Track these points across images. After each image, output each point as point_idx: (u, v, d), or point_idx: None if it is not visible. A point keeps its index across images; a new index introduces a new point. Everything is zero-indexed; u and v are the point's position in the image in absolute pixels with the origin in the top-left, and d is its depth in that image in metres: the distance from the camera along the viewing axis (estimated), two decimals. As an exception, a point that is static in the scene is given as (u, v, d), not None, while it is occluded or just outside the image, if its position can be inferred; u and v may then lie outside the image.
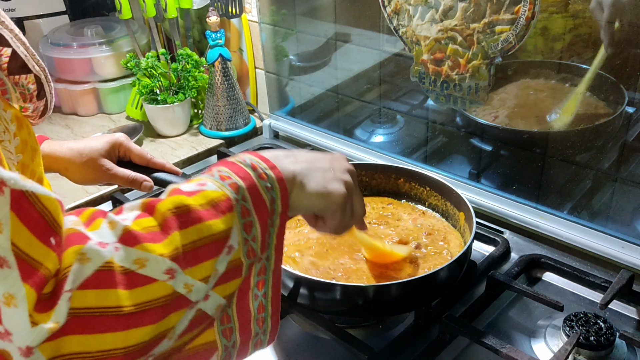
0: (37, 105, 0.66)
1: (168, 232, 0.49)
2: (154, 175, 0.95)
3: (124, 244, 0.46)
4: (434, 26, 1.08)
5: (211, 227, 0.51)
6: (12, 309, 0.39)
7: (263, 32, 1.49)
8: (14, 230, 0.39)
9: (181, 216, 0.50)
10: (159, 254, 0.47)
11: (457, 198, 1.00)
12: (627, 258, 0.99)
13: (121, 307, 0.43)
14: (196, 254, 0.49)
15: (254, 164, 0.57)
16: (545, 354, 0.85)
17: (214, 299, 0.51)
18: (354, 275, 0.90)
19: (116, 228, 0.47)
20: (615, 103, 0.97)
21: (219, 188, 0.53)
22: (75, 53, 1.61)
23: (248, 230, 0.54)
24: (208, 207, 0.51)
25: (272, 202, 0.56)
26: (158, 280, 0.46)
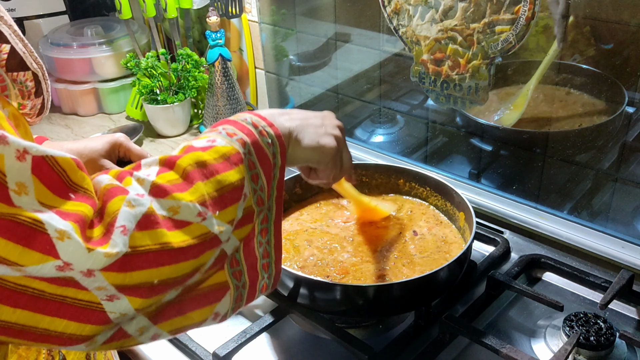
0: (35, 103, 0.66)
1: (192, 183, 0.53)
2: (154, 175, 0.95)
3: (155, 196, 0.51)
4: (434, 26, 1.08)
5: (228, 177, 0.56)
6: (66, 242, 0.43)
7: (263, 32, 1.49)
8: (37, 191, 0.43)
9: (200, 169, 0.55)
10: (188, 201, 0.52)
11: (457, 198, 1.00)
12: (627, 258, 0.99)
13: (171, 243, 0.49)
14: (221, 200, 0.55)
15: (254, 122, 0.62)
16: (545, 354, 0.85)
17: (233, 241, 0.57)
18: (351, 275, 0.90)
19: (144, 183, 0.52)
20: (615, 103, 0.97)
21: (228, 143, 0.58)
22: (75, 53, 1.61)
23: (255, 181, 0.59)
24: (222, 161, 0.56)
25: (273, 156, 0.62)
26: (193, 222, 0.51)
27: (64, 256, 0.43)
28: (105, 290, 0.45)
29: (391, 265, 0.92)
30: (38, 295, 0.43)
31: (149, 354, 0.89)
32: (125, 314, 0.47)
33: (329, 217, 1.06)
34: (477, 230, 0.97)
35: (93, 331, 0.46)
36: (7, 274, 0.42)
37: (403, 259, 0.94)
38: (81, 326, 0.45)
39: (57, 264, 0.43)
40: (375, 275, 0.90)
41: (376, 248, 0.96)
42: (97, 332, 0.47)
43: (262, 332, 0.89)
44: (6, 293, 0.42)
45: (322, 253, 0.95)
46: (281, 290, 0.89)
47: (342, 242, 0.98)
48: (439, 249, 0.96)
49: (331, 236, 0.99)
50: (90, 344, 0.48)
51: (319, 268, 0.92)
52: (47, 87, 0.67)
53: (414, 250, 0.96)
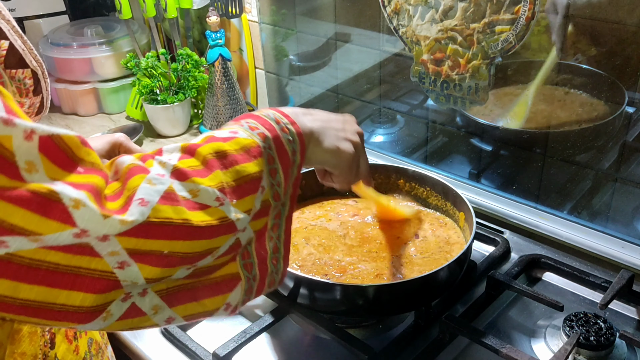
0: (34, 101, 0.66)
1: (211, 169, 0.55)
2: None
3: (175, 178, 0.52)
4: (434, 26, 1.08)
5: (247, 169, 0.57)
6: (82, 210, 0.44)
7: (263, 32, 1.49)
8: (47, 168, 0.44)
9: (220, 159, 0.56)
10: (207, 186, 0.53)
11: (457, 198, 1.00)
12: (627, 258, 0.99)
13: (189, 220, 0.50)
14: (239, 189, 0.56)
15: (277, 118, 0.63)
16: (545, 354, 0.85)
17: (248, 232, 0.58)
18: (348, 274, 0.90)
19: (166, 166, 0.53)
20: (615, 103, 0.97)
21: (249, 136, 0.59)
22: (75, 53, 1.61)
23: (273, 176, 0.60)
24: (242, 152, 0.57)
25: (293, 154, 0.63)
26: (211, 206, 0.53)
27: (81, 223, 0.44)
28: (117, 255, 0.46)
29: (389, 265, 0.92)
30: (53, 269, 0.44)
31: (149, 354, 0.89)
32: (135, 283, 0.48)
33: (329, 214, 1.06)
34: (477, 230, 0.97)
35: (107, 299, 0.47)
36: (23, 247, 0.42)
37: (401, 259, 0.94)
38: (97, 297, 0.46)
39: (74, 231, 0.44)
40: (373, 274, 0.90)
41: (374, 248, 0.96)
42: (112, 298, 0.48)
43: (262, 332, 0.89)
44: (23, 270, 0.43)
45: (319, 252, 0.95)
46: (281, 290, 0.89)
47: (339, 240, 0.98)
48: (440, 249, 0.96)
49: (328, 233, 0.99)
50: (106, 318, 0.49)
51: (317, 267, 0.92)
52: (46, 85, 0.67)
53: (414, 251, 0.96)
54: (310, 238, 0.99)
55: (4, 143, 0.42)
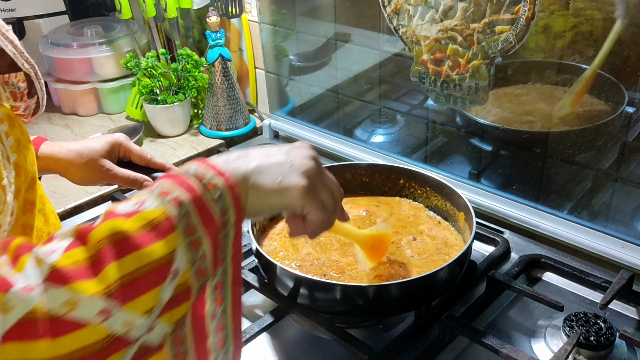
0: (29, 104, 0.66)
1: (102, 265, 0.44)
2: (154, 176, 0.95)
3: (51, 282, 0.42)
4: (434, 26, 1.08)
5: (151, 254, 0.46)
6: None
7: (263, 32, 1.49)
8: None
9: (116, 245, 0.45)
10: (90, 294, 0.43)
11: (457, 198, 1.00)
12: (627, 258, 0.99)
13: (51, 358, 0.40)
14: (136, 285, 0.45)
15: (199, 173, 0.52)
16: (545, 354, 0.85)
17: (160, 329, 0.47)
18: (347, 275, 0.90)
19: (42, 265, 0.43)
20: (615, 103, 0.97)
21: (159, 206, 0.49)
22: (75, 53, 1.61)
23: (195, 249, 0.49)
24: (147, 230, 0.47)
25: (222, 214, 0.52)
26: (90, 324, 0.42)
27: None
28: None
29: (386, 265, 0.92)
30: None
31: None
32: None
33: None
34: (477, 230, 0.97)
35: None
36: None
37: (399, 260, 0.94)
38: None
39: None
40: (372, 275, 0.90)
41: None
42: None
43: (262, 332, 0.89)
44: None
45: (317, 251, 0.95)
46: (281, 290, 0.89)
47: (335, 237, 0.98)
48: (438, 251, 0.96)
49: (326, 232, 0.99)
50: None
51: (315, 267, 0.92)
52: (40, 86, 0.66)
53: (410, 252, 0.96)
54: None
55: None
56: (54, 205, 1.23)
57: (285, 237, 0.99)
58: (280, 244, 0.98)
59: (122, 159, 0.96)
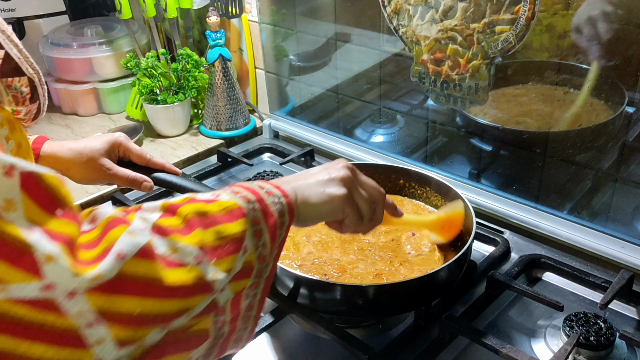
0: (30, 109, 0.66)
1: (192, 228, 0.54)
2: (153, 175, 0.95)
3: (155, 233, 0.51)
4: (434, 26, 1.08)
5: (228, 229, 0.56)
6: (52, 264, 0.42)
7: (263, 32, 1.49)
8: (26, 207, 0.43)
9: (201, 219, 0.55)
10: (187, 243, 0.52)
11: (457, 198, 1.00)
12: (627, 258, 0.99)
13: (161, 279, 0.49)
14: (219, 249, 0.55)
15: (260, 184, 0.64)
16: (545, 354, 0.85)
17: (227, 293, 0.56)
18: (347, 274, 0.90)
19: (147, 221, 0.52)
20: (615, 103, 0.97)
21: (231, 199, 0.59)
22: (75, 53, 1.61)
23: (258, 237, 0.59)
24: (223, 213, 0.57)
25: (280, 215, 0.62)
26: (189, 265, 0.51)
27: (50, 277, 0.42)
28: (85, 315, 0.44)
29: (387, 264, 0.92)
30: (17, 322, 0.42)
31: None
32: (103, 342, 0.45)
33: None
34: (477, 230, 0.97)
35: (71, 356, 0.44)
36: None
37: (400, 258, 0.94)
38: (59, 351, 0.44)
39: (40, 284, 0.42)
40: (373, 274, 0.90)
41: (367, 246, 0.96)
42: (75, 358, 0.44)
43: (262, 332, 0.89)
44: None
45: (318, 250, 0.95)
46: (281, 290, 0.89)
47: (335, 235, 0.98)
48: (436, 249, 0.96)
49: (327, 230, 0.99)
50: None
51: (316, 267, 0.92)
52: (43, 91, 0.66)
53: (410, 249, 0.96)
54: (311, 235, 0.99)
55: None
56: (53, 205, 1.23)
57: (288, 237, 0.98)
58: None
59: (122, 159, 0.96)
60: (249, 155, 1.43)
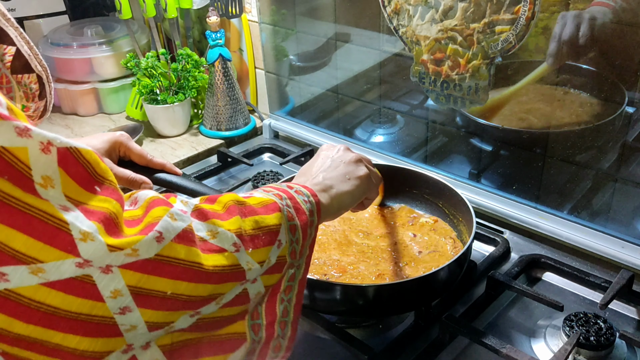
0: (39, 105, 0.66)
1: (232, 214, 0.55)
2: (154, 176, 0.95)
3: (196, 217, 0.52)
4: (434, 26, 1.08)
5: (265, 220, 0.57)
6: (88, 243, 0.42)
7: (263, 32, 1.49)
8: (64, 184, 0.42)
9: (240, 207, 0.56)
10: (227, 229, 0.53)
11: (457, 198, 1.00)
12: (627, 258, 0.99)
13: (200, 264, 0.49)
14: (256, 239, 0.56)
15: (288, 184, 0.66)
16: (545, 354, 0.85)
17: (258, 285, 0.56)
18: (348, 274, 0.90)
19: (188, 205, 0.53)
20: (615, 103, 0.97)
21: (265, 196, 0.60)
22: (75, 53, 1.61)
23: (293, 232, 0.60)
24: (260, 206, 0.58)
25: (310, 213, 0.63)
26: (227, 251, 0.52)
27: (85, 254, 0.42)
28: (119, 297, 0.44)
29: (393, 265, 0.92)
30: (52, 313, 0.42)
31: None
32: (135, 327, 0.46)
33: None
34: (477, 230, 0.97)
35: (105, 346, 0.45)
36: (23, 282, 0.40)
37: (406, 258, 0.94)
38: (93, 341, 0.44)
39: (76, 261, 0.42)
40: (374, 274, 0.90)
41: (361, 247, 0.96)
42: (109, 348, 0.45)
43: (262, 332, 0.89)
44: (21, 309, 0.41)
45: (316, 250, 0.95)
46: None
47: (333, 241, 0.98)
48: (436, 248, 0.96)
49: (322, 230, 0.99)
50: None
51: (316, 267, 0.92)
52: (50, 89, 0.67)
53: (413, 250, 0.96)
54: None
55: (19, 156, 0.39)
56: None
57: None
58: None
59: (122, 158, 0.96)
60: (249, 155, 1.43)
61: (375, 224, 1.04)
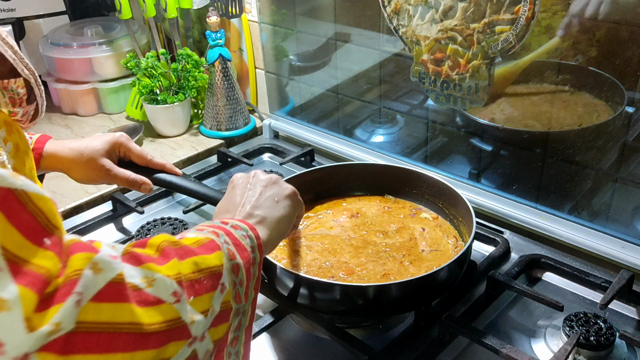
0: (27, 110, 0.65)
1: (168, 258, 0.48)
2: (154, 176, 0.95)
3: (128, 262, 0.44)
4: (434, 26, 1.08)
5: (206, 261, 0.50)
6: (3, 314, 0.34)
7: (263, 32, 1.49)
8: (3, 232, 0.35)
9: (176, 249, 0.49)
10: (164, 275, 0.46)
11: (457, 198, 1.00)
12: (627, 258, 0.99)
13: (137, 323, 0.41)
14: (197, 285, 0.48)
15: (223, 220, 0.59)
16: (545, 354, 0.85)
17: (207, 342, 0.49)
18: (355, 275, 0.90)
19: (116, 248, 0.45)
20: (615, 103, 0.97)
21: (200, 234, 0.54)
22: (75, 53, 1.61)
23: (236, 273, 0.54)
24: (197, 245, 0.52)
25: (252, 250, 0.58)
26: (166, 302, 0.44)
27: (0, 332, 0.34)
28: None
29: (398, 264, 0.92)
30: None
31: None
32: None
33: (327, 221, 1.05)
34: (477, 230, 0.97)
35: None
36: None
37: (411, 256, 0.94)
38: None
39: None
40: (381, 274, 0.90)
41: (379, 247, 0.96)
42: None
43: (262, 332, 0.89)
44: None
45: (324, 256, 0.95)
46: (281, 290, 0.89)
47: (344, 242, 0.98)
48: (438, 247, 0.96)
49: (331, 238, 0.99)
50: None
51: (323, 270, 0.91)
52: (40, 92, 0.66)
53: (424, 245, 0.96)
54: (312, 246, 0.97)
55: None
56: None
57: (285, 245, 0.98)
58: (279, 251, 0.97)
59: (122, 159, 0.96)
60: (249, 155, 1.43)
61: (387, 219, 1.04)
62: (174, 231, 1.10)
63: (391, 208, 1.08)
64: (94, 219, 1.19)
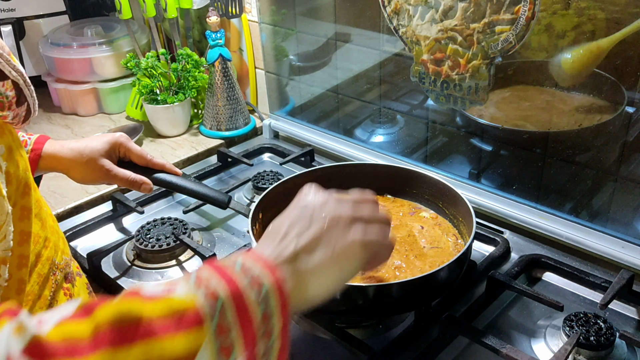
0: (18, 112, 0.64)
1: (96, 348, 0.36)
2: (154, 176, 0.95)
3: (28, 356, 0.34)
4: (434, 26, 1.08)
5: (165, 346, 0.37)
6: None
7: (263, 32, 1.49)
8: None
9: (123, 328, 0.37)
10: None
11: (457, 198, 1.00)
12: (627, 258, 0.99)
13: None
14: None
15: (245, 266, 0.45)
16: (545, 354, 0.85)
17: None
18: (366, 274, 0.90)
19: (23, 335, 0.35)
20: (615, 103, 0.97)
21: (189, 295, 0.41)
22: (75, 53, 1.61)
23: (226, 355, 0.40)
24: (168, 319, 0.38)
25: (265, 319, 0.43)
26: None
27: None
28: None
29: (403, 258, 0.92)
30: None
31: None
32: None
33: None
34: (477, 230, 0.97)
35: None
36: None
37: (415, 252, 0.94)
38: None
39: None
40: (391, 267, 0.90)
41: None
42: None
43: (262, 332, 0.89)
44: None
45: None
46: None
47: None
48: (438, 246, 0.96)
49: None
50: None
51: None
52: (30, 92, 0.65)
53: (424, 242, 0.96)
54: None
55: None
56: (54, 205, 1.23)
57: None
58: None
59: (122, 159, 0.96)
60: (249, 155, 1.43)
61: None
62: (174, 231, 1.10)
63: (390, 207, 1.08)
64: (94, 219, 1.19)
